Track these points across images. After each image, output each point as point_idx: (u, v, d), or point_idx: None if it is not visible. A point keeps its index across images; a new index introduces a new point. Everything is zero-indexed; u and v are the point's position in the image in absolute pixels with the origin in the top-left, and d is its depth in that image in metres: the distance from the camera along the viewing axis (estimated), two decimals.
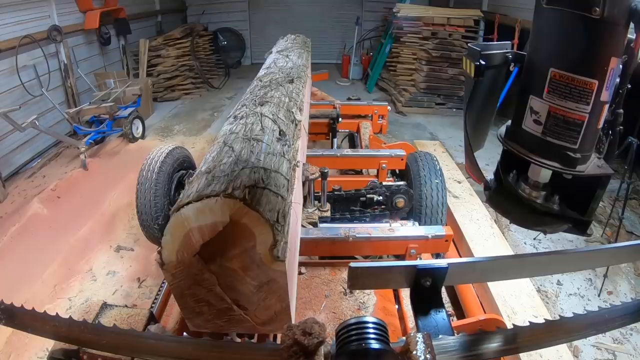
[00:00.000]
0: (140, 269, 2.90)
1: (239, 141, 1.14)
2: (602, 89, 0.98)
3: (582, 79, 0.98)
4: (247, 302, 1.07)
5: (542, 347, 0.78)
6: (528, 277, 2.08)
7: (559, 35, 1.02)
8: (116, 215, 3.52)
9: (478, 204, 2.94)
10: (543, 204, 1.22)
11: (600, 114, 1.03)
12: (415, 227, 1.85)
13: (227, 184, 0.89)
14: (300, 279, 1.66)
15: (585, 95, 0.99)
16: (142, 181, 2.40)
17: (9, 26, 4.45)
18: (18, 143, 4.54)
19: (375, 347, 0.65)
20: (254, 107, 1.46)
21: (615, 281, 3.02)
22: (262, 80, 1.89)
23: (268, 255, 0.92)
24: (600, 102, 1.00)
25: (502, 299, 2.10)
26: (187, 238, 0.90)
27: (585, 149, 1.07)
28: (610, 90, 1.01)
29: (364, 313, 1.57)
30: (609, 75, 0.97)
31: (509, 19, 5.81)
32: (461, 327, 1.49)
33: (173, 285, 1.03)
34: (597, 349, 2.45)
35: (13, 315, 0.86)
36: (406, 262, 0.89)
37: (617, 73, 0.99)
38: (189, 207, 0.87)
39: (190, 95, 7.40)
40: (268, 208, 0.89)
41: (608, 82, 0.98)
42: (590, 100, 0.99)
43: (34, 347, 2.29)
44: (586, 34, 0.95)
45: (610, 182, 3.74)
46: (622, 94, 1.06)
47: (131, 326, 1.17)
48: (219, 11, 9.42)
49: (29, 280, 2.77)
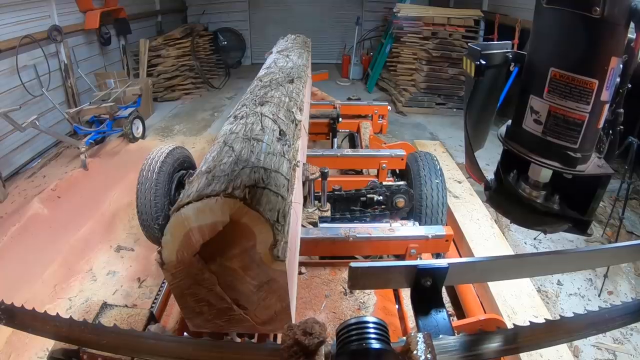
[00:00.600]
0: (140, 269, 2.90)
1: (239, 141, 1.14)
2: (603, 89, 0.98)
3: (582, 78, 0.98)
4: (247, 302, 1.07)
5: (542, 346, 0.77)
6: (528, 277, 2.08)
7: (559, 35, 1.02)
8: (116, 215, 3.52)
9: (478, 204, 2.94)
10: (543, 203, 1.22)
11: (600, 114, 1.03)
12: (415, 227, 1.85)
13: (227, 183, 0.89)
14: (300, 279, 1.66)
15: (586, 95, 0.99)
16: (142, 181, 2.40)
17: (9, 26, 4.45)
18: (18, 143, 4.54)
19: (375, 347, 0.65)
20: (254, 107, 1.46)
21: (616, 281, 3.02)
22: (262, 80, 1.89)
23: (268, 255, 0.92)
24: (600, 101, 1.00)
25: (502, 298, 2.10)
26: (187, 238, 0.90)
27: (585, 149, 1.07)
28: (611, 90, 1.01)
29: (364, 313, 1.56)
30: (609, 75, 0.97)
31: (509, 19, 5.81)
32: (461, 327, 1.49)
33: (173, 285, 1.03)
34: (598, 349, 2.45)
35: (13, 315, 0.86)
36: (406, 262, 0.89)
37: (617, 73, 0.99)
38: (189, 207, 0.87)
39: (190, 95, 7.41)
40: (268, 208, 0.89)
41: (608, 81, 0.98)
42: (591, 99, 0.99)
43: (34, 347, 2.29)
44: (586, 34, 0.95)
45: (610, 182, 3.74)
46: (623, 94, 1.06)
47: (131, 326, 1.17)
48: (219, 11, 9.42)
49: (29, 280, 2.77)
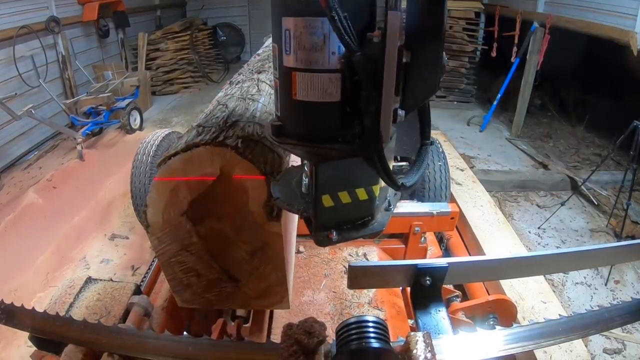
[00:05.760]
0: (134, 256, 2.84)
1: (234, 100, 1.07)
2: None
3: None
4: (240, 272, 1.00)
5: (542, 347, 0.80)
6: (528, 276, 2.01)
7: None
8: (112, 204, 3.45)
9: (481, 191, 2.87)
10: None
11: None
12: (419, 204, 1.78)
13: (219, 133, 0.82)
14: (299, 257, 1.59)
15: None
16: (137, 165, 2.34)
17: (7, 16, 4.39)
18: (15, 134, 4.49)
19: (375, 346, 0.65)
20: (250, 74, 1.39)
21: (622, 270, 2.95)
22: (259, 55, 1.83)
23: (262, 214, 0.85)
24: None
25: (509, 283, 2.02)
26: (174, 194, 0.84)
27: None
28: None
29: (365, 293, 1.49)
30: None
31: (510, 10, 5.73)
32: (471, 308, 1.42)
33: (159, 252, 0.96)
34: (607, 338, 2.38)
35: (13, 314, 0.89)
36: (406, 262, 0.88)
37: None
38: (176, 158, 0.80)
39: (189, 89, 7.34)
40: (262, 160, 0.82)
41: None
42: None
43: (23, 335, 2.22)
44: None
45: (614, 173, 3.67)
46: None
47: (115, 299, 1.11)
48: (218, 6, 9.35)
49: (21, 269, 2.70)
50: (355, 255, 1.65)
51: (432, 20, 0.56)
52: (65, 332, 0.86)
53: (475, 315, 1.42)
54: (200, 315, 1.46)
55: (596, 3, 4.17)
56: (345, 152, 0.64)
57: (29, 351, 1.07)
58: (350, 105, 0.62)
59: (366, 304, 1.43)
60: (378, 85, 0.55)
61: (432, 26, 0.57)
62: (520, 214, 3.71)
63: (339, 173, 0.70)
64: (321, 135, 0.64)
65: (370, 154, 0.60)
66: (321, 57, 0.60)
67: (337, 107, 0.62)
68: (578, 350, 1.68)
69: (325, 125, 0.64)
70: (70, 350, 0.90)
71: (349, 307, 1.42)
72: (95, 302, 1.12)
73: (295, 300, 1.42)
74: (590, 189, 3.84)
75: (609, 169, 4.28)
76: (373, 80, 0.56)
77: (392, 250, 1.73)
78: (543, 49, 4.85)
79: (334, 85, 0.60)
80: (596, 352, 2.32)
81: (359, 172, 0.71)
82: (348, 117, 0.62)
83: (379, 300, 1.44)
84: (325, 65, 0.60)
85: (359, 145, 0.61)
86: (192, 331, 1.39)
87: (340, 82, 0.60)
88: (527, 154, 4.80)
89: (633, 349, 2.35)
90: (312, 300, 1.43)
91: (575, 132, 5.40)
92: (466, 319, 1.40)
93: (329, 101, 0.61)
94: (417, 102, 0.66)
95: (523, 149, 4.93)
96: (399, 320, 1.41)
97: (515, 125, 5.35)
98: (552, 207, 3.72)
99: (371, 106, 0.57)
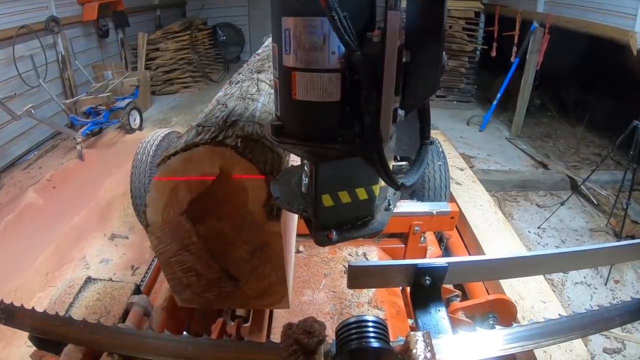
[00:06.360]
0: (134, 256, 2.84)
1: (234, 99, 1.07)
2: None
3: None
4: (239, 272, 0.99)
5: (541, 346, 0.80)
6: (528, 276, 2.02)
7: None
8: (112, 204, 3.45)
9: (481, 191, 2.87)
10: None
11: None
12: (419, 203, 1.78)
13: (218, 132, 0.82)
14: (298, 257, 1.59)
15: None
16: (136, 164, 2.34)
17: (6, 16, 4.39)
18: (15, 134, 4.49)
19: (375, 346, 0.65)
20: (250, 74, 1.39)
21: (622, 270, 2.95)
22: (259, 55, 1.82)
23: (261, 214, 0.85)
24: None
25: (509, 283, 2.03)
26: (174, 194, 0.84)
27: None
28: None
29: (365, 293, 1.50)
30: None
31: (510, 10, 5.74)
32: (471, 308, 1.42)
33: (159, 252, 0.96)
34: (606, 338, 2.38)
35: (13, 314, 0.89)
36: (406, 262, 0.88)
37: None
38: (175, 158, 0.80)
39: (189, 89, 7.34)
40: (262, 160, 0.82)
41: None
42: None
43: (23, 335, 2.22)
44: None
45: (613, 173, 3.67)
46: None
47: (115, 299, 1.11)
48: (218, 6, 9.35)
49: (20, 269, 2.70)
50: (355, 255, 1.65)
51: (432, 20, 0.56)
52: (65, 332, 0.86)
53: (475, 314, 1.43)
54: (200, 315, 1.46)
55: (596, 3, 4.18)
56: (345, 151, 0.64)
57: (28, 351, 1.07)
58: (350, 105, 0.62)
59: (366, 303, 1.43)
60: (378, 85, 0.55)
61: (432, 26, 0.57)
62: (520, 214, 3.72)
63: (339, 173, 0.70)
64: (321, 135, 0.64)
65: (370, 154, 0.60)
66: (321, 57, 0.60)
67: (337, 107, 0.62)
68: (578, 350, 1.68)
69: (325, 125, 0.64)
70: (70, 350, 0.90)
71: (349, 306, 1.42)
72: (95, 302, 1.13)
73: (295, 300, 1.42)
74: (590, 188, 3.84)
75: (608, 169, 4.28)
76: (373, 79, 0.56)
77: (392, 250, 1.73)
78: (543, 48, 4.85)
79: (333, 85, 0.60)
80: (596, 352, 2.32)
81: (359, 172, 0.71)
82: (348, 116, 0.62)
83: (379, 299, 1.45)
84: (325, 65, 0.60)
85: (359, 145, 0.61)
86: (191, 331, 1.39)
87: (340, 82, 0.60)
88: (526, 153, 4.81)
89: (633, 349, 2.35)
90: (311, 300, 1.43)
91: (575, 132, 5.41)
92: (466, 318, 1.41)
93: (329, 101, 0.61)
94: (417, 102, 0.65)
95: (523, 148, 4.93)
96: (398, 320, 1.41)
97: (515, 125, 5.36)
98: (551, 206, 3.72)
99: (371, 106, 0.57)
